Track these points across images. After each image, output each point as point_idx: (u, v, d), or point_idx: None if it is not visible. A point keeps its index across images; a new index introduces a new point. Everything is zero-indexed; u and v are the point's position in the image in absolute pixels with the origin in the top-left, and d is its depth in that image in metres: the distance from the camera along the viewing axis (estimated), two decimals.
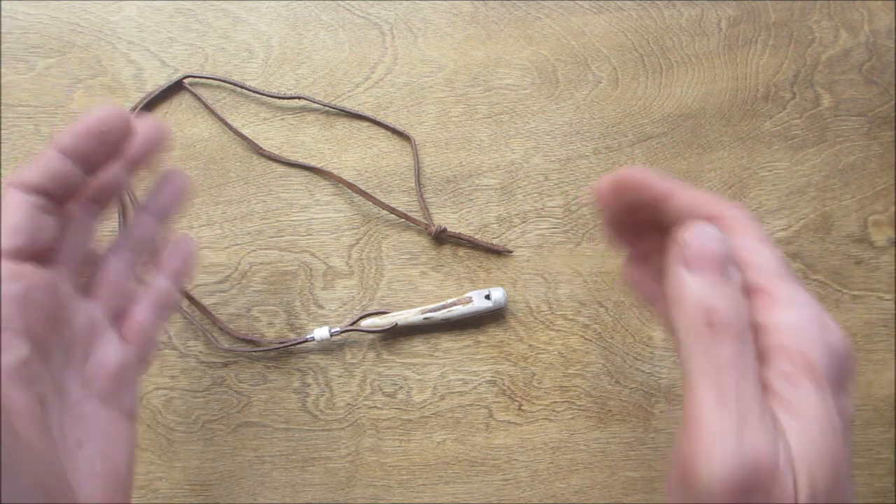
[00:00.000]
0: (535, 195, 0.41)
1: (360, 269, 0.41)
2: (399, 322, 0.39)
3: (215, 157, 0.41)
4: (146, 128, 0.28)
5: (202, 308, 0.40)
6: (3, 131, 0.41)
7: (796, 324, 0.20)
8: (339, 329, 0.39)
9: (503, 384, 0.40)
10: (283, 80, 0.42)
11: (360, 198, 0.41)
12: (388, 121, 0.42)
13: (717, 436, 0.18)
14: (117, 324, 0.28)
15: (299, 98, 0.41)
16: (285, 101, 0.42)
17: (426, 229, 0.40)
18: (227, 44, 0.42)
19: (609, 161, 0.42)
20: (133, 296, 0.29)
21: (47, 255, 0.25)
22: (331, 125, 0.42)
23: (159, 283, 0.30)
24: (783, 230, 0.42)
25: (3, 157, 0.41)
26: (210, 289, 0.40)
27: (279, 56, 0.42)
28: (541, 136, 0.42)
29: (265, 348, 0.39)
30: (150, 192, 0.30)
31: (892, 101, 0.43)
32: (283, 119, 0.42)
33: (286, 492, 0.39)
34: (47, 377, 0.24)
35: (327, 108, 0.42)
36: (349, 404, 0.39)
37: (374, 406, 0.40)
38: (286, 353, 0.40)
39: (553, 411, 0.40)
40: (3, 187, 0.25)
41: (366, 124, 0.42)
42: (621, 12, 0.43)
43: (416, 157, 0.41)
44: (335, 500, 0.39)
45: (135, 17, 0.42)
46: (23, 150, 0.41)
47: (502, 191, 0.41)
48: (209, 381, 0.39)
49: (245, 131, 0.41)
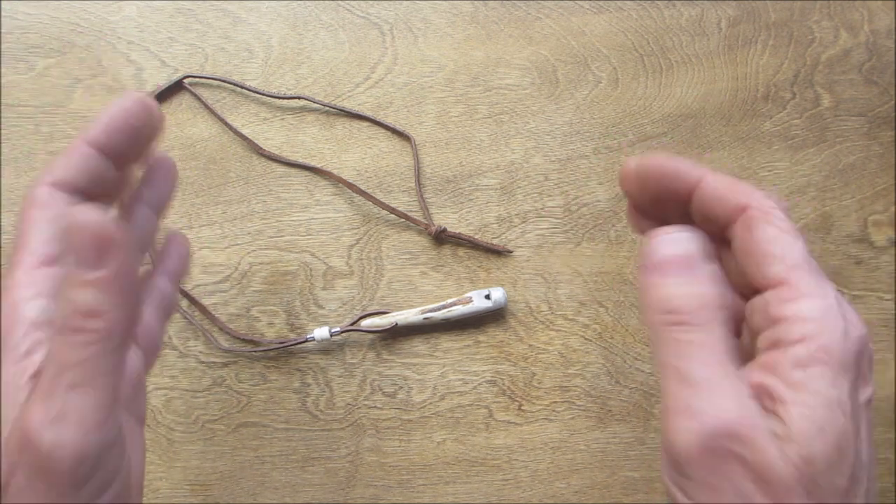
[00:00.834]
0: (535, 195, 0.41)
1: (360, 269, 0.41)
2: (399, 322, 0.39)
3: (215, 157, 0.41)
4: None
5: (202, 308, 0.40)
6: (3, 131, 0.41)
7: (815, 314, 0.21)
8: (339, 329, 0.39)
9: (503, 384, 0.40)
10: (283, 80, 0.42)
11: (360, 198, 0.41)
12: (388, 121, 0.42)
13: (681, 411, 0.20)
14: None
15: (299, 98, 0.41)
16: (285, 101, 0.42)
17: (426, 229, 0.40)
18: (227, 44, 0.42)
19: (609, 161, 0.42)
20: (160, 340, 0.29)
21: None
22: (331, 125, 0.42)
23: (160, 285, 0.28)
24: None
25: (3, 158, 0.41)
26: (210, 289, 0.40)
27: (279, 56, 0.42)
28: (541, 136, 0.42)
29: (265, 348, 0.39)
30: (142, 181, 0.28)
31: (892, 101, 0.43)
32: (283, 119, 0.42)
33: (286, 492, 0.39)
34: None
35: (327, 108, 0.42)
36: (349, 404, 0.39)
37: (374, 406, 0.40)
38: (286, 353, 0.40)
39: (553, 411, 0.40)
40: (33, 186, 0.24)
41: (366, 124, 0.42)
42: (621, 12, 0.43)
43: (416, 157, 0.41)
44: (335, 500, 0.39)
45: (135, 17, 0.42)
46: (23, 150, 0.41)
47: (502, 191, 0.41)
48: (209, 381, 0.39)
49: (245, 131, 0.41)
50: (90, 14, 0.42)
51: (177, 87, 0.42)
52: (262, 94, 0.41)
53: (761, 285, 0.22)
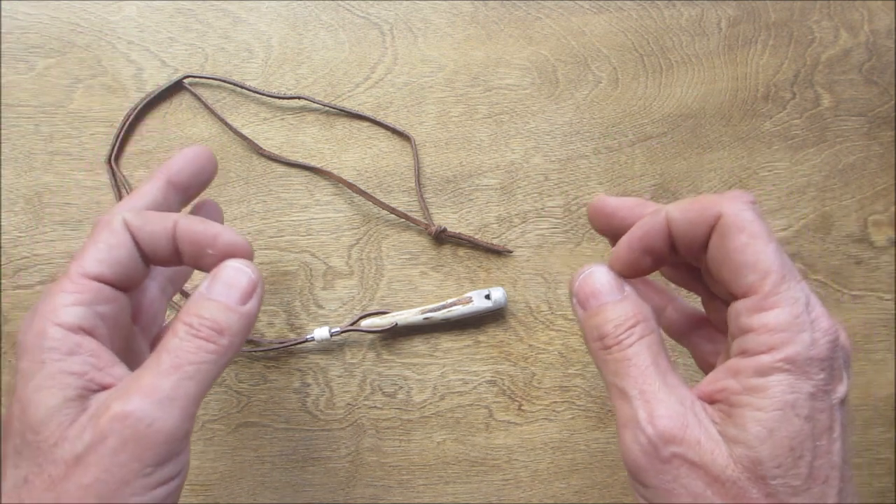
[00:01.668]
0: (535, 195, 0.41)
1: (360, 269, 0.41)
2: (399, 322, 0.39)
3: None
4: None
5: None
6: (3, 131, 0.41)
7: (781, 325, 0.21)
8: (339, 329, 0.39)
9: (503, 384, 0.40)
10: (283, 80, 0.42)
11: (360, 198, 0.41)
12: (388, 121, 0.42)
13: (625, 424, 0.22)
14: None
15: (299, 98, 0.41)
16: (285, 101, 0.42)
17: (426, 229, 0.40)
18: (227, 44, 0.42)
19: (609, 161, 0.42)
20: (162, 323, 0.31)
21: (131, 284, 0.26)
22: (331, 125, 0.42)
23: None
24: (783, 230, 0.42)
25: (3, 158, 0.41)
26: None
27: (279, 56, 0.42)
28: (541, 136, 0.42)
29: (265, 348, 0.39)
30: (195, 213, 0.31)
31: (892, 101, 0.43)
32: (283, 119, 0.42)
33: (286, 492, 0.39)
34: None
35: (327, 108, 0.42)
36: (349, 404, 0.39)
37: (374, 406, 0.40)
38: (286, 353, 0.40)
39: (553, 411, 0.40)
40: (110, 211, 0.26)
41: (366, 124, 0.42)
42: (621, 12, 0.43)
43: (416, 157, 0.41)
44: (335, 500, 0.39)
45: (135, 17, 0.42)
46: (23, 150, 0.41)
47: (502, 191, 0.41)
48: None
49: (245, 131, 0.41)
50: (90, 14, 0.42)
51: (177, 87, 0.42)
52: (262, 94, 0.41)
53: (735, 293, 0.23)
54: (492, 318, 0.40)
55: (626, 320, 0.24)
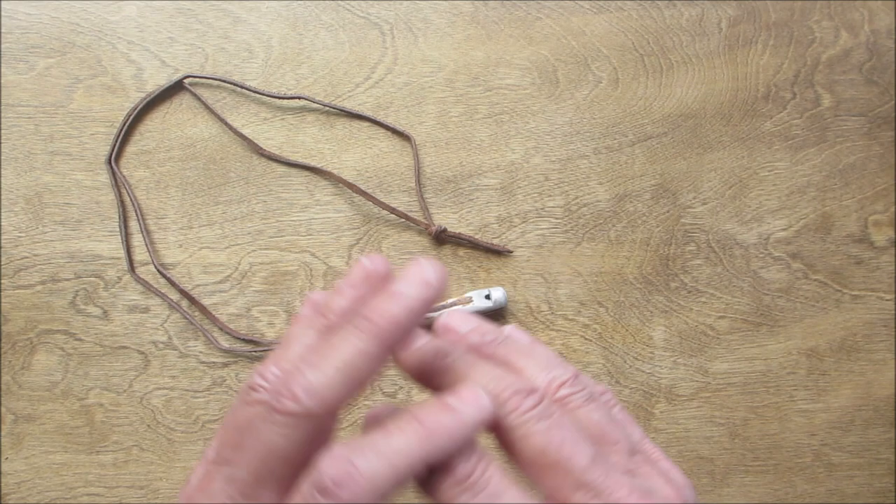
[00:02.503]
0: (535, 195, 0.41)
1: None
2: None
3: (215, 157, 0.41)
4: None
5: (202, 308, 0.40)
6: (3, 131, 0.41)
7: None
8: None
9: None
10: (283, 80, 0.42)
11: (361, 198, 0.41)
12: (388, 121, 0.42)
13: None
14: None
15: (299, 98, 0.41)
16: (285, 101, 0.42)
17: (426, 229, 0.40)
18: (227, 44, 0.42)
19: (609, 161, 0.42)
20: None
21: None
22: (331, 125, 0.42)
23: None
24: (783, 230, 0.42)
25: (3, 158, 0.41)
26: (210, 289, 0.40)
27: (279, 56, 0.42)
28: (541, 136, 0.42)
29: (265, 348, 0.39)
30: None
31: (892, 101, 0.43)
32: (283, 119, 0.42)
33: None
34: None
35: (327, 108, 0.42)
36: (349, 404, 0.40)
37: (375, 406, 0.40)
38: None
39: None
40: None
41: (366, 124, 0.42)
42: (621, 12, 0.43)
43: (416, 157, 0.41)
44: None
45: (135, 17, 0.42)
46: (23, 150, 0.41)
47: (502, 191, 0.41)
48: (209, 381, 0.39)
49: (245, 131, 0.41)
50: (90, 14, 0.42)
51: (177, 87, 0.42)
52: (262, 94, 0.41)
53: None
54: (492, 318, 0.40)
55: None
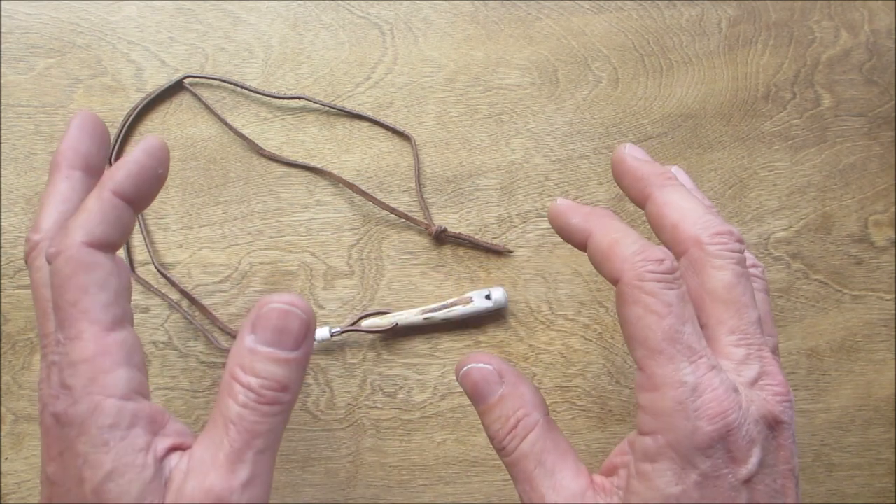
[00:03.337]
0: (536, 195, 0.41)
1: (361, 269, 0.41)
2: (399, 322, 0.39)
3: (215, 157, 0.41)
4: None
5: (202, 308, 0.40)
6: (3, 131, 0.41)
7: (664, 410, 0.21)
8: (339, 329, 0.39)
9: None
10: (283, 80, 0.42)
11: (361, 198, 0.41)
12: (388, 121, 0.42)
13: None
14: None
15: (299, 98, 0.41)
16: (285, 101, 0.42)
17: (426, 229, 0.40)
18: (227, 44, 0.42)
19: (609, 161, 0.42)
20: None
21: None
22: (331, 125, 0.42)
23: None
24: (783, 230, 0.42)
25: (3, 158, 0.41)
26: (210, 289, 0.40)
27: (279, 56, 0.42)
28: (541, 136, 0.42)
29: None
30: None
31: (893, 101, 0.43)
32: (283, 119, 0.42)
33: (286, 492, 0.39)
34: None
35: (327, 108, 0.42)
36: (349, 404, 0.40)
37: (375, 406, 0.40)
38: None
39: (553, 411, 0.40)
40: (67, 246, 0.22)
41: (366, 124, 0.42)
42: (621, 12, 0.43)
43: (416, 157, 0.41)
44: (335, 500, 0.39)
45: (135, 17, 0.42)
46: (23, 150, 0.41)
47: (502, 191, 0.41)
48: (209, 381, 0.39)
49: (245, 131, 0.41)
50: (90, 14, 0.42)
51: (177, 87, 0.42)
52: (262, 94, 0.41)
53: (635, 362, 0.23)
54: (492, 318, 0.40)
55: (507, 421, 0.24)
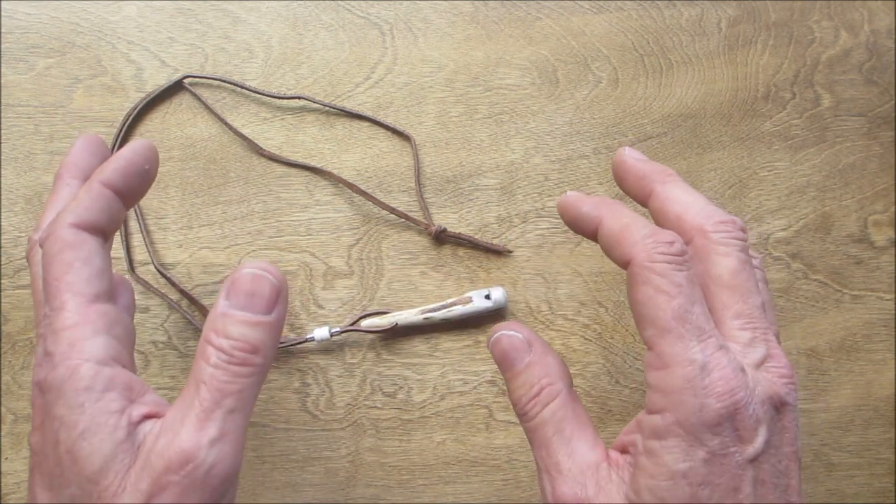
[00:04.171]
0: (535, 195, 0.41)
1: (360, 269, 0.41)
2: (399, 322, 0.39)
3: (215, 157, 0.41)
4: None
5: (202, 308, 0.40)
6: (3, 131, 0.41)
7: (672, 388, 0.21)
8: (339, 329, 0.39)
9: (504, 384, 0.40)
10: (283, 80, 0.42)
11: (360, 198, 0.41)
12: (388, 121, 0.42)
13: (541, 495, 0.24)
14: None
15: (299, 98, 0.41)
16: (285, 101, 0.42)
17: (426, 229, 0.40)
18: (227, 44, 0.42)
19: (609, 161, 0.42)
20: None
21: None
22: (331, 125, 0.42)
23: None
24: (783, 230, 0.42)
25: (3, 158, 0.41)
26: (210, 289, 0.40)
27: (279, 56, 0.42)
28: (541, 136, 0.42)
29: None
30: None
31: (892, 101, 0.43)
32: (283, 119, 0.42)
33: (286, 492, 0.39)
34: None
35: (327, 108, 0.42)
36: (349, 404, 0.40)
37: (374, 406, 0.40)
38: (286, 353, 0.40)
39: None
40: (56, 228, 0.24)
41: (366, 124, 0.42)
42: (621, 12, 0.43)
43: (416, 157, 0.41)
44: (335, 500, 0.39)
45: (135, 17, 0.42)
46: (23, 150, 0.41)
47: (502, 191, 0.41)
48: None
49: (245, 131, 0.41)
50: (90, 14, 0.42)
51: (177, 87, 0.42)
52: (262, 94, 0.41)
53: (644, 341, 0.23)
54: (492, 318, 0.40)
55: (531, 388, 0.25)
